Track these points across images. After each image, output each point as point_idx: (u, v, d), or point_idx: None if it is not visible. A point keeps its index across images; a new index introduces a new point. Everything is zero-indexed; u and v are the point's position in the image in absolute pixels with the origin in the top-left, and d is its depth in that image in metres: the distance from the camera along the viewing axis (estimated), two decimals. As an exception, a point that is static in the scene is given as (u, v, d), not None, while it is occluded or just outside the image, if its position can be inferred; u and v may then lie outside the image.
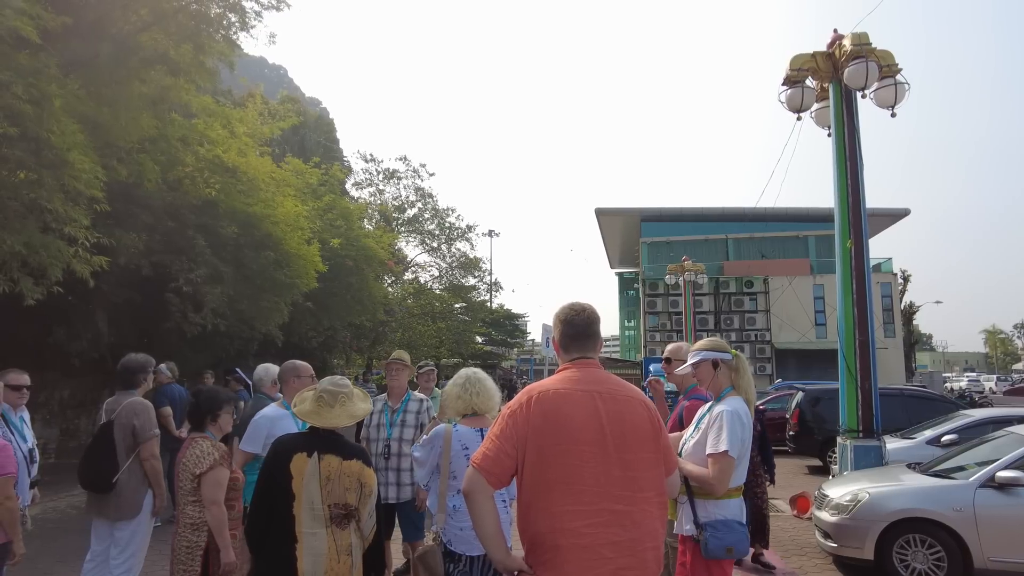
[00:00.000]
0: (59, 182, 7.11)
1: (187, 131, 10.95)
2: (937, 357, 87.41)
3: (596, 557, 2.03)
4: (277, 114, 20.39)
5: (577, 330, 2.33)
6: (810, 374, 24.19)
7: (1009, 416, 9.05)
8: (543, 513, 2.07)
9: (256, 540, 2.89)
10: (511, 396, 16.19)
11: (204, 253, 10.85)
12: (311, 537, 2.80)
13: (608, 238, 43.04)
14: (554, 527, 2.05)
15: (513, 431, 2.12)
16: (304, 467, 2.86)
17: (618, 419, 2.15)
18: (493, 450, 2.11)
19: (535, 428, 2.10)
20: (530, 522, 2.11)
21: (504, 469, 2.11)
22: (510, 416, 2.15)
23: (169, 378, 8.19)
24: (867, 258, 7.84)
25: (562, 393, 2.17)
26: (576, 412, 2.13)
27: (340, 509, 2.88)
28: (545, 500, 2.07)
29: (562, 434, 2.09)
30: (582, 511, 2.05)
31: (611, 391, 2.21)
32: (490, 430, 2.20)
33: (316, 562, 2.78)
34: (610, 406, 2.16)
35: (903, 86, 7.76)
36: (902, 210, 36.19)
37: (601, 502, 2.06)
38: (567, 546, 2.03)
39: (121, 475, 4.13)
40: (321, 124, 32.03)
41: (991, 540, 5.49)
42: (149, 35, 8.87)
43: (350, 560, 2.87)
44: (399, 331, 27.62)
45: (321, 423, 3.00)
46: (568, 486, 2.06)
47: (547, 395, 2.16)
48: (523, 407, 2.15)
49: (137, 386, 4.47)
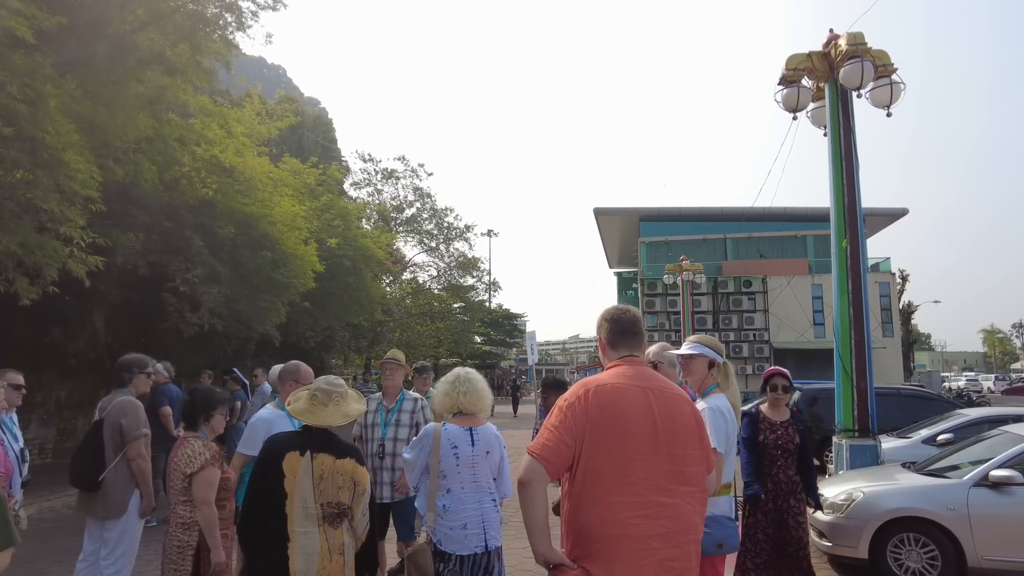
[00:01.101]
0: (55, 182, 7.11)
1: (184, 131, 10.94)
2: (936, 357, 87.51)
3: (644, 548, 2.08)
4: (275, 114, 20.40)
5: (624, 327, 2.41)
6: (809, 374, 24.15)
7: (1004, 415, 9.06)
8: (594, 504, 2.11)
9: (249, 539, 2.89)
10: (516, 397, 16.29)
11: (201, 253, 10.84)
12: (303, 536, 2.80)
13: (606, 238, 43.03)
14: (605, 518, 2.09)
15: (572, 422, 2.16)
16: (297, 466, 2.86)
17: (668, 415, 2.21)
18: (553, 440, 2.14)
19: (593, 420, 2.15)
20: (580, 513, 2.14)
21: (563, 460, 2.14)
22: (568, 408, 2.19)
23: (166, 378, 8.20)
24: (863, 258, 7.85)
25: (619, 387, 2.22)
26: (631, 406, 2.18)
27: (333, 508, 2.88)
28: (597, 491, 2.11)
29: (618, 427, 2.14)
30: (632, 503, 2.10)
31: (661, 388, 2.28)
32: (546, 421, 2.23)
33: (308, 561, 2.77)
34: (661, 402, 2.22)
35: (899, 86, 7.78)
36: (900, 210, 36.19)
37: (650, 494, 2.11)
38: (617, 536, 2.08)
39: (107, 474, 4.13)
40: (319, 124, 32.03)
41: (985, 539, 5.49)
42: (146, 35, 8.86)
43: (342, 559, 2.87)
44: (397, 331, 27.66)
45: (315, 421, 3.00)
46: (621, 478, 2.11)
47: (604, 388, 2.21)
48: (580, 399, 2.20)
49: (125, 384, 4.47)
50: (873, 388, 7.65)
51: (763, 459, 4.43)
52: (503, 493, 3.38)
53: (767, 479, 4.41)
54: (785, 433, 4.46)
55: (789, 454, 4.42)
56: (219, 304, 11.13)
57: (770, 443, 4.43)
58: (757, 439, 4.46)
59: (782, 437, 4.44)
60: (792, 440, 4.44)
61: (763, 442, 4.43)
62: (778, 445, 4.43)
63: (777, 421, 4.51)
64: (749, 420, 4.49)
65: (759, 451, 4.45)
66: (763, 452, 4.44)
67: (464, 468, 3.22)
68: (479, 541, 3.11)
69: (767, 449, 4.43)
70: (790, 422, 4.54)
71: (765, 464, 4.43)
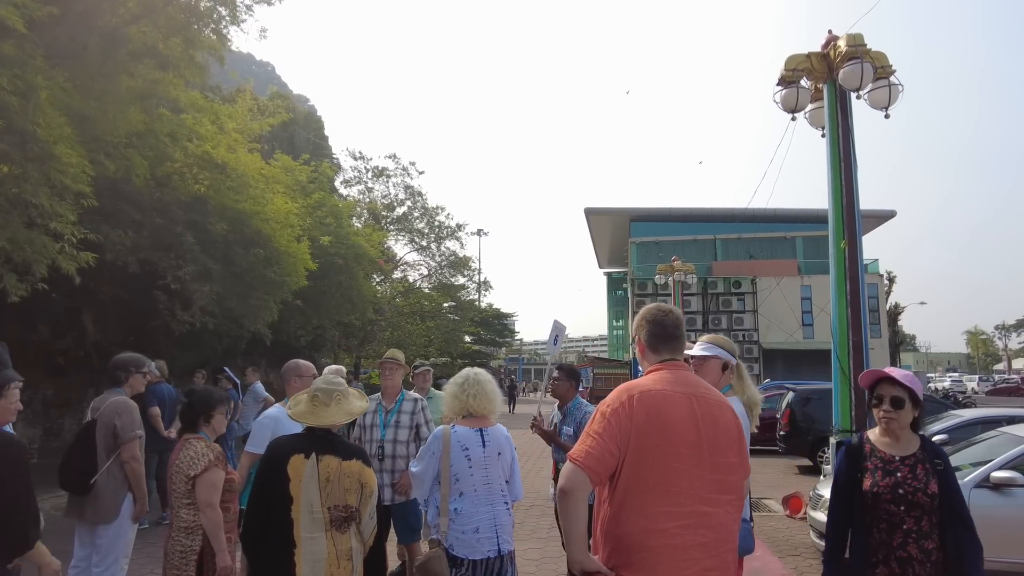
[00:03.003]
0: (45, 176, 6.96)
1: (176, 126, 10.78)
2: (921, 357, 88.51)
3: (686, 558, 2.03)
4: (267, 110, 20.18)
5: (667, 331, 2.34)
6: (798, 374, 24.31)
7: (999, 416, 9.12)
8: (636, 513, 2.05)
9: (252, 546, 2.81)
10: (513, 398, 16.21)
11: (193, 250, 10.69)
12: (310, 542, 2.72)
13: (597, 238, 43.14)
14: (647, 528, 2.04)
15: (617, 430, 2.09)
16: (302, 469, 2.79)
17: (712, 422, 2.15)
18: (597, 448, 2.07)
19: (638, 428, 2.08)
20: (620, 522, 2.08)
21: (607, 468, 2.08)
22: (612, 415, 2.11)
23: (158, 377, 8.07)
24: (861, 259, 7.87)
25: (665, 394, 2.15)
26: (677, 414, 2.12)
27: (340, 511, 2.81)
28: (640, 500, 2.05)
29: (664, 435, 2.08)
30: (675, 512, 2.04)
31: (703, 394, 2.21)
32: (588, 427, 2.16)
33: (316, 568, 2.70)
34: (704, 409, 2.16)
35: (897, 88, 7.81)
36: (888, 212, 36.58)
37: (692, 504, 2.06)
38: (659, 547, 2.02)
39: (100, 476, 4.02)
40: (310, 121, 31.79)
41: (986, 540, 5.44)
42: (138, 28, 8.71)
43: (351, 565, 2.80)
44: (388, 330, 27.48)
45: (317, 422, 2.94)
46: (665, 488, 2.05)
47: (649, 395, 2.14)
48: (624, 406, 2.12)
49: (122, 384, 4.36)
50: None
51: (873, 519, 2.67)
52: (515, 496, 3.32)
53: (882, 555, 2.63)
54: (911, 476, 2.66)
55: (922, 511, 2.62)
56: (210, 302, 10.97)
57: (884, 492, 2.65)
58: (861, 486, 2.71)
59: (906, 482, 2.65)
60: (924, 487, 2.63)
61: (872, 492, 2.67)
62: (900, 496, 2.63)
63: (896, 456, 2.73)
64: (847, 455, 2.84)
65: (865, 506, 2.68)
66: (873, 508, 2.67)
67: (476, 470, 3.15)
68: (491, 545, 3.05)
69: (880, 503, 2.65)
70: (921, 456, 2.72)
71: (877, 529, 2.65)
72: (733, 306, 34.08)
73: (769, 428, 13.41)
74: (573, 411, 4.73)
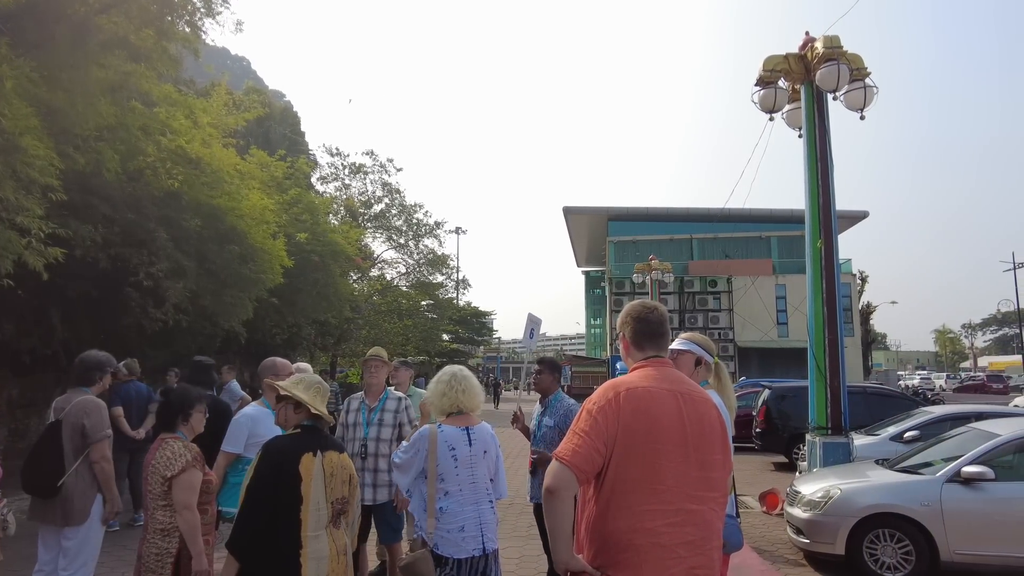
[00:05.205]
0: (10, 169, 6.73)
1: (149, 120, 10.50)
2: (891, 356, 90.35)
3: (672, 556, 2.02)
4: (242, 105, 19.84)
5: (652, 328, 2.33)
6: (772, 372, 24.67)
7: (967, 412, 9.35)
8: (623, 512, 2.04)
9: (252, 551, 2.71)
10: (497, 395, 16.17)
11: (166, 247, 10.44)
12: (315, 540, 2.71)
13: (575, 236, 43.30)
14: (633, 526, 2.02)
15: (604, 427, 2.06)
16: (312, 467, 2.76)
17: (697, 420, 2.14)
18: (584, 447, 2.05)
19: (625, 426, 2.06)
20: (607, 520, 2.06)
21: (594, 466, 2.05)
22: (599, 412, 2.09)
23: (128, 376, 7.89)
24: (837, 258, 7.99)
25: (651, 392, 2.13)
26: (663, 411, 2.10)
27: (339, 504, 2.84)
28: (626, 499, 2.04)
29: (651, 433, 2.06)
30: (661, 510, 2.03)
31: (689, 392, 2.20)
32: (574, 425, 2.13)
33: (319, 566, 2.69)
34: (690, 407, 2.15)
35: (872, 89, 7.95)
36: (860, 212, 37.25)
37: (679, 502, 2.05)
38: (645, 545, 2.01)
39: (68, 478, 3.90)
40: (286, 116, 31.36)
41: (957, 533, 5.63)
42: (108, 18, 8.45)
43: (346, 559, 2.83)
44: (365, 328, 27.24)
45: (320, 411, 2.94)
46: (652, 486, 2.04)
47: (636, 392, 2.12)
48: (611, 403, 2.09)
49: (92, 384, 4.25)
50: (846, 386, 7.78)
51: None
52: (499, 493, 3.29)
53: None
54: None
55: None
56: (184, 299, 10.73)
57: None
58: None
59: None
60: None
61: None
62: None
63: None
64: None
65: None
66: None
67: (462, 469, 3.12)
68: (477, 544, 3.02)
69: None
70: None
71: None
72: (709, 305, 34.45)
73: (745, 425, 13.57)
74: (555, 404, 4.70)
